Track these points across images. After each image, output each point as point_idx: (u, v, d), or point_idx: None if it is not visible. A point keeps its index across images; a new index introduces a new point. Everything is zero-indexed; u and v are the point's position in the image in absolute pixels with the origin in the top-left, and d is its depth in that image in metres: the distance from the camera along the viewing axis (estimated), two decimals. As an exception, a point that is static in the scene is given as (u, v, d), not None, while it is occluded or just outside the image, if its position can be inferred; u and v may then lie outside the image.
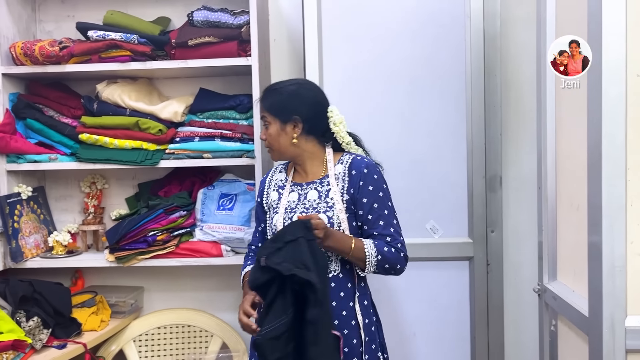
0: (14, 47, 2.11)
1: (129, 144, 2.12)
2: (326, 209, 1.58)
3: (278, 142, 1.64)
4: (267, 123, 1.64)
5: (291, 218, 1.59)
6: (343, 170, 1.63)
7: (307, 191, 1.63)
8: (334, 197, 1.59)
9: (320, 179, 1.64)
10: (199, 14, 2.09)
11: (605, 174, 1.13)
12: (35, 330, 1.88)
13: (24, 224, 2.18)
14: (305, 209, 1.60)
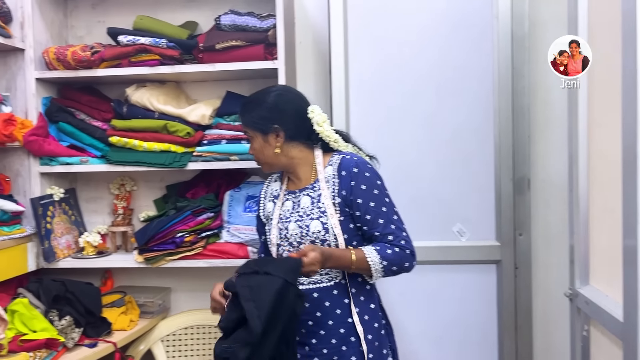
0: (47, 52, 2.16)
1: (158, 147, 2.15)
2: (319, 214, 1.53)
3: (264, 155, 1.61)
4: (250, 138, 1.63)
5: (286, 228, 1.57)
6: (333, 172, 1.57)
7: (300, 198, 1.59)
8: (325, 201, 1.54)
9: (312, 184, 1.59)
10: (226, 18, 2.11)
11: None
12: (68, 329, 1.91)
13: (56, 225, 2.23)
14: (299, 216, 1.56)
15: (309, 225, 1.54)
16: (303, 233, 1.54)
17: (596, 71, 1.49)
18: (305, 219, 1.55)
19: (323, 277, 1.55)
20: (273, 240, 1.60)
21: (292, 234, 1.56)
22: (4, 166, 2.20)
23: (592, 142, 1.49)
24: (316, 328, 1.54)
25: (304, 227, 1.54)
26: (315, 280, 1.54)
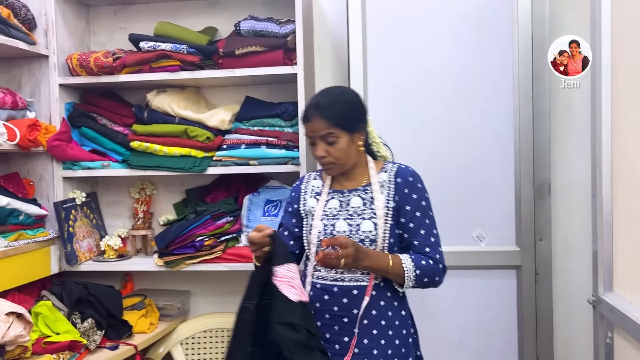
0: (70, 58, 2.20)
1: (178, 151, 2.17)
2: (371, 215, 1.56)
3: (348, 154, 1.57)
4: (334, 139, 1.54)
5: (333, 225, 1.57)
6: (388, 178, 1.61)
7: (350, 198, 1.60)
8: (378, 204, 1.57)
9: (364, 187, 1.61)
10: (245, 24, 2.13)
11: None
12: (90, 332, 1.94)
13: (78, 229, 2.26)
14: (349, 215, 1.57)
15: (359, 224, 1.56)
16: (352, 231, 1.55)
17: (619, 74, 1.47)
18: (356, 218, 1.57)
19: (365, 276, 1.55)
20: (313, 235, 1.58)
21: (339, 231, 1.56)
22: (28, 170, 2.24)
23: (616, 146, 1.47)
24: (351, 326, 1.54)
25: (354, 226, 1.56)
26: (356, 278, 1.55)
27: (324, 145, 1.56)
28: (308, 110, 1.58)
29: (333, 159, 1.56)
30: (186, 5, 2.40)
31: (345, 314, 1.55)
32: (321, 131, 1.54)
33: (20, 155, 2.21)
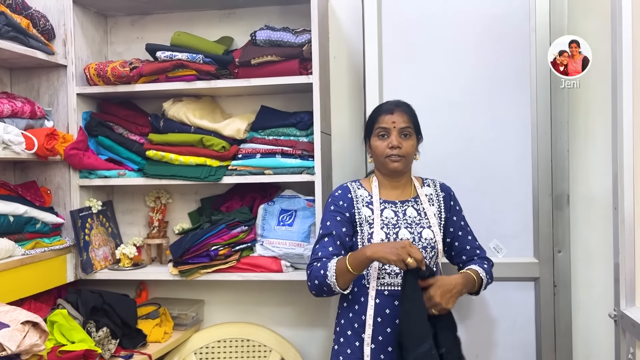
0: (88, 68, 2.22)
1: (194, 161, 2.17)
2: (428, 224, 1.75)
3: (411, 155, 1.77)
4: (409, 134, 1.75)
5: (396, 233, 1.70)
6: (434, 192, 1.84)
7: (405, 208, 1.77)
8: (430, 216, 1.76)
9: (414, 198, 1.80)
10: (261, 34, 2.13)
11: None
12: (105, 341, 1.94)
13: (94, 237, 2.27)
14: (408, 224, 1.73)
15: (421, 233, 1.73)
16: (415, 239, 1.72)
17: (641, 84, 1.45)
18: (416, 227, 1.74)
19: None
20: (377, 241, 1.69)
21: (402, 238, 1.70)
22: (45, 179, 2.26)
23: (638, 158, 1.44)
24: None
25: (415, 234, 1.72)
26: None
27: (399, 137, 1.73)
28: (389, 104, 1.78)
29: (404, 152, 1.73)
30: (202, 15, 2.42)
31: None
32: (402, 124, 1.74)
33: (38, 163, 2.23)
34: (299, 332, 2.40)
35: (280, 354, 2.30)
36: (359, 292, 1.71)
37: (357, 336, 1.70)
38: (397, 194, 1.80)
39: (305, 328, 2.40)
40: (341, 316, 1.77)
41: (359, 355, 1.69)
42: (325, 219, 1.76)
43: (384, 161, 1.76)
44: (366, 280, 1.71)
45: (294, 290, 2.36)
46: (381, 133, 1.76)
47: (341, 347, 1.73)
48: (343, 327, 1.75)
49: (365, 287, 1.71)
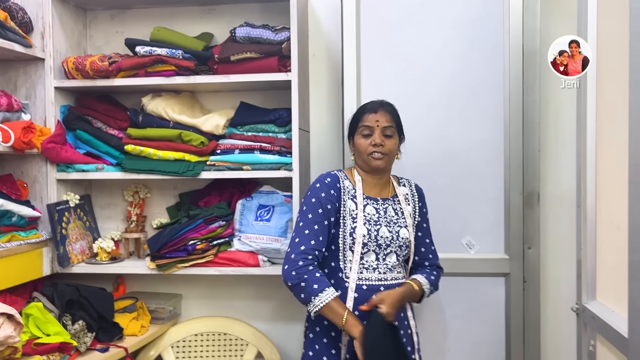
0: (66, 62, 2.22)
1: (172, 156, 2.19)
2: (405, 224, 1.81)
3: (393, 154, 1.81)
4: (392, 133, 1.80)
5: (377, 230, 1.75)
6: (410, 192, 1.90)
7: (386, 207, 1.82)
8: (407, 216, 1.82)
9: (392, 197, 1.85)
10: (241, 30, 2.15)
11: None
12: (80, 334, 1.95)
13: (71, 231, 2.27)
14: (387, 222, 1.78)
15: (398, 232, 1.79)
16: (393, 238, 1.77)
17: (604, 87, 1.50)
18: (394, 226, 1.79)
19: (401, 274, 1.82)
20: (358, 238, 1.73)
21: (382, 236, 1.76)
22: (22, 172, 2.25)
23: (600, 157, 1.50)
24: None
25: (394, 233, 1.78)
26: (395, 277, 1.79)
27: (382, 136, 1.78)
28: (374, 104, 1.83)
29: (387, 150, 1.78)
30: (183, 10, 2.43)
31: None
32: (385, 123, 1.79)
33: (15, 157, 2.22)
34: (276, 326, 2.43)
35: (257, 347, 2.33)
36: (336, 284, 1.73)
37: (333, 327, 1.73)
38: (377, 191, 1.84)
39: (283, 322, 2.43)
40: None
41: (334, 345, 1.72)
42: (312, 204, 1.74)
43: (367, 158, 1.79)
44: (344, 274, 1.74)
45: (271, 285, 2.39)
46: (365, 132, 1.79)
47: (317, 335, 1.76)
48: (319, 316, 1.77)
49: (344, 280, 1.74)
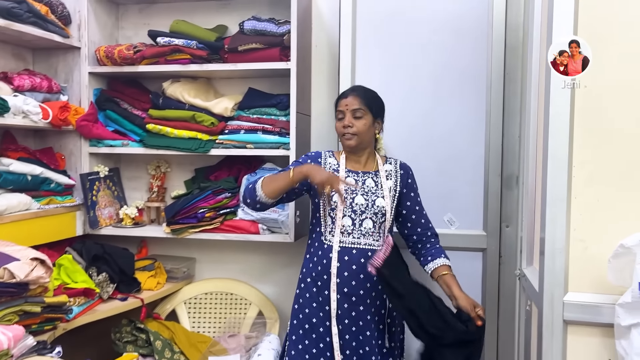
0: (98, 50, 2.54)
1: (186, 134, 2.49)
2: (382, 195, 1.98)
3: (364, 133, 1.97)
4: (361, 115, 1.96)
5: (353, 198, 1.95)
6: (394, 169, 2.07)
7: (365, 179, 2.01)
8: (385, 189, 2.00)
9: (375, 171, 2.03)
10: (248, 24, 2.42)
11: (550, 170, 1.32)
12: (104, 284, 2.29)
13: (100, 198, 2.61)
14: (365, 192, 1.97)
15: (374, 201, 1.97)
16: (368, 205, 1.96)
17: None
18: (371, 196, 1.97)
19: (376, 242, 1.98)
20: (338, 205, 1.95)
21: (357, 203, 1.96)
22: (60, 146, 2.60)
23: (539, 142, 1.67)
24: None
25: (369, 201, 1.96)
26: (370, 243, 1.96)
27: (351, 118, 1.96)
28: (347, 90, 2.03)
29: (356, 130, 1.95)
30: (202, 4, 2.71)
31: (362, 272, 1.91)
32: (353, 106, 1.96)
33: (54, 132, 2.57)
34: (276, 289, 2.71)
35: (258, 307, 2.62)
36: (319, 247, 1.97)
37: (315, 283, 1.96)
38: (360, 166, 2.04)
39: (281, 286, 2.71)
40: (304, 266, 2.05)
41: (316, 300, 1.96)
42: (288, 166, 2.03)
43: (341, 139, 2.03)
44: (324, 237, 1.97)
45: (272, 252, 2.68)
46: (339, 116, 2.00)
47: (302, 291, 2.01)
48: (304, 274, 2.01)
49: (323, 242, 1.96)
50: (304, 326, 1.95)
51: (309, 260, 2.02)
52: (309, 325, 1.94)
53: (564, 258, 1.34)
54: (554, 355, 1.36)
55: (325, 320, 1.91)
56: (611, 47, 1.42)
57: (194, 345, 2.41)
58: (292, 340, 1.98)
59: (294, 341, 1.97)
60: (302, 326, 1.95)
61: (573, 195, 1.35)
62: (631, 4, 1.43)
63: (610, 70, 1.40)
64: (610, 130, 1.38)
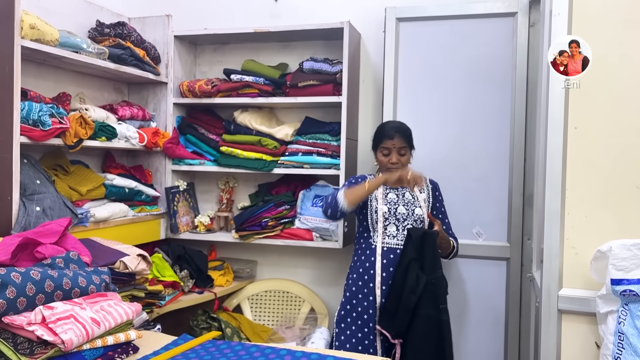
0: (182, 85, 3.06)
1: (253, 156, 2.96)
2: (419, 205, 2.39)
3: (405, 166, 2.39)
4: (405, 152, 2.39)
5: (396, 209, 2.35)
6: (425, 185, 2.48)
7: (404, 192, 2.42)
8: (421, 200, 2.41)
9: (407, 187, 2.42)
10: (307, 64, 2.88)
11: (548, 192, 1.71)
12: (185, 279, 2.77)
13: (180, 208, 3.11)
14: (405, 203, 2.38)
15: (414, 210, 2.38)
16: (409, 213, 2.37)
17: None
18: (410, 206, 2.38)
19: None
20: (380, 215, 2.36)
21: (400, 212, 2.37)
22: (148, 164, 3.12)
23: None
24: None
25: (410, 210, 2.37)
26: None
27: (397, 155, 2.38)
28: (392, 131, 2.39)
29: (401, 165, 2.38)
30: (266, 45, 3.20)
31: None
32: (400, 145, 2.38)
33: (144, 152, 3.09)
34: (325, 289, 3.14)
35: (310, 304, 3.05)
36: (367, 248, 2.38)
37: (362, 277, 2.36)
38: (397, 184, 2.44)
39: (330, 286, 3.13)
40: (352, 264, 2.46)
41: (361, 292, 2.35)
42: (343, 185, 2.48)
43: (386, 170, 2.40)
44: (372, 239, 2.38)
45: (323, 257, 3.11)
46: (384, 152, 2.40)
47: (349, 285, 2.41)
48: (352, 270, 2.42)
49: (372, 244, 2.37)
50: (351, 314, 2.36)
51: (357, 259, 2.42)
52: (356, 313, 2.35)
53: (559, 261, 1.72)
54: (550, 338, 1.74)
55: (369, 308, 2.31)
56: (598, 100, 1.80)
57: (257, 333, 2.85)
58: (340, 327, 2.39)
59: (342, 328, 2.38)
60: (350, 314, 2.36)
61: (566, 212, 1.74)
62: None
63: (596, 116, 1.78)
64: (595, 163, 1.76)
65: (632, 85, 1.74)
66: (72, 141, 2.33)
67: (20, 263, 1.79)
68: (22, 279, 1.48)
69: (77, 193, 2.48)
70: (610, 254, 1.56)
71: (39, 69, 2.52)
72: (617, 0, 1.75)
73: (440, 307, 2.20)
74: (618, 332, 1.55)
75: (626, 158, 1.73)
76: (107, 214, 2.61)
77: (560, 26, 1.78)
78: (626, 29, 1.74)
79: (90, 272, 1.73)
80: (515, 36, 2.70)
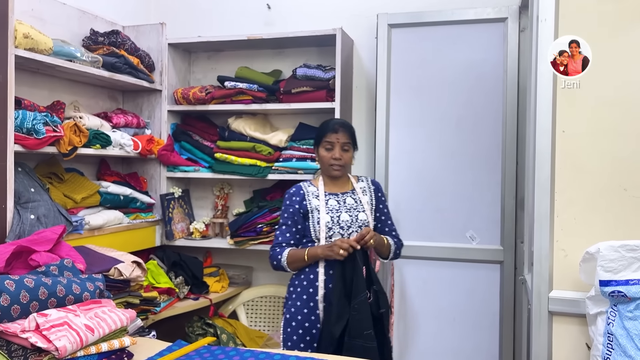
0: (176, 92, 3.08)
1: (248, 162, 2.98)
2: (363, 209, 2.30)
3: (349, 163, 2.33)
4: (348, 148, 2.29)
5: (338, 216, 2.24)
6: (367, 186, 2.38)
7: (345, 198, 2.31)
8: (364, 203, 2.31)
9: (351, 191, 2.34)
10: (300, 70, 2.91)
11: (537, 196, 1.73)
12: (180, 285, 2.78)
13: (175, 215, 3.12)
14: (347, 209, 2.27)
15: (357, 215, 2.27)
16: (353, 220, 2.26)
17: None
18: (354, 212, 2.28)
19: None
20: (323, 225, 2.22)
21: (343, 219, 2.25)
22: (143, 171, 3.13)
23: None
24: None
25: (353, 216, 2.26)
26: None
27: (340, 151, 2.28)
28: (336, 125, 2.29)
29: (343, 162, 2.29)
30: (260, 52, 3.23)
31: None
32: (344, 140, 2.28)
33: (139, 159, 3.10)
34: (321, 295, 3.14)
35: (306, 309, 3.06)
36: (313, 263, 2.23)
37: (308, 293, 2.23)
38: (338, 188, 2.33)
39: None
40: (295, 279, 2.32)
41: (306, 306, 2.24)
42: (283, 212, 2.32)
43: (328, 168, 2.30)
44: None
45: (318, 262, 3.12)
46: (327, 147, 2.29)
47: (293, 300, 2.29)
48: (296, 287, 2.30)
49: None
50: (297, 332, 2.24)
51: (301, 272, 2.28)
52: (302, 330, 2.23)
53: (549, 263, 1.74)
54: (541, 339, 1.75)
55: (313, 328, 2.22)
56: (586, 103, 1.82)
57: (253, 339, 2.86)
58: (287, 346, 2.26)
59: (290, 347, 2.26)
60: (296, 332, 2.24)
61: (555, 215, 1.76)
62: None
63: (584, 119, 1.81)
64: (583, 166, 1.78)
65: (618, 90, 1.77)
66: (67, 149, 2.35)
67: (15, 271, 1.80)
68: (16, 287, 1.49)
69: (71, 201, 2.49)
70: (598, 256, 1.58)
71: (33, 77, 2.54)
72: (603, 7, 1.78)
73: (365, 333, 2.03)
74: (607, 333, 1.57)
75: (614, 161, 1.75)
76: (102, 221, 2.62)
77: (546, 32, 1.81)
78: (612, 34, 1.77)
79: (84, 279, 1.74)
80: (506, 41, 2.73)
